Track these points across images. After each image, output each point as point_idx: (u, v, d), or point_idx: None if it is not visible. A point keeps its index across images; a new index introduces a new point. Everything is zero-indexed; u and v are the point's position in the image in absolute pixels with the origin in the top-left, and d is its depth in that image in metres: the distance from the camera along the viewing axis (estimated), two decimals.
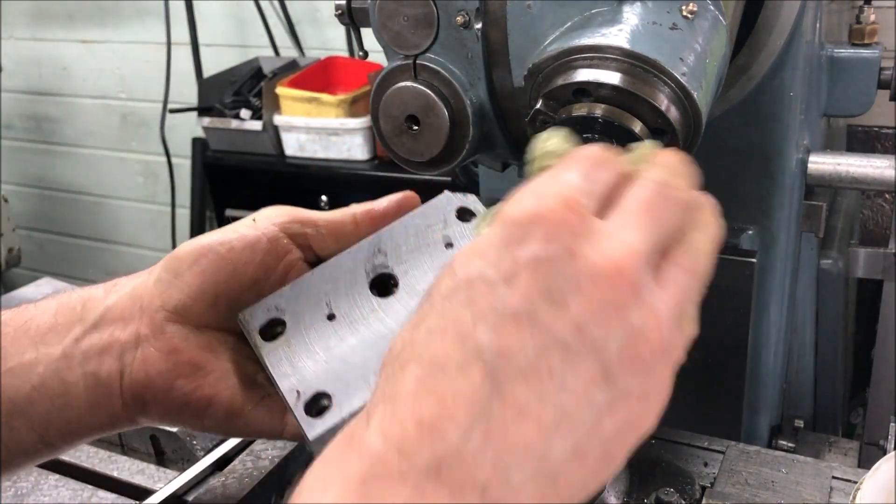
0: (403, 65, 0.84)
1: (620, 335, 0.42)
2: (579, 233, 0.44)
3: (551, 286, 0.42)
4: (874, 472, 0.74)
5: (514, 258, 0.43)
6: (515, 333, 0.42)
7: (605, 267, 0.43)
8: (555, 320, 0.42)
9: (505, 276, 0.43)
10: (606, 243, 0.44)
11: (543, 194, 0.46)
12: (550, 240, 0.43)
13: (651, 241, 0.46)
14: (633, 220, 0.46)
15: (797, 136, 1.04)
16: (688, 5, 0.73)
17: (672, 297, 0.46)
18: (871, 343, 1.63)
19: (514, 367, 0.41)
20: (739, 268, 0.98)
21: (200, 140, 3.00)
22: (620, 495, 0.92)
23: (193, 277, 0.63)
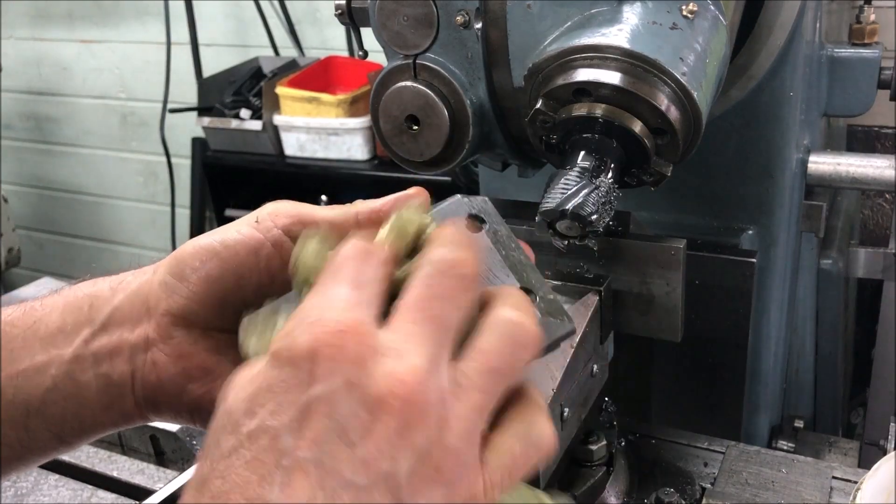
0: (403, 65, 0.84)
1: (409, 461, 0.41)
2: (360, 360, 0.42)
3: (337, 425, 0.41)
4: (874, 472, 0.74)
5: (295, 402, 0.42)
6: (304, 484, 0.40)
7: (386, 395, 0.42)
8: (344, 462, 0.41)
9: (289, 423, 0.41)
10: (385, 365, 0.42)
11: (315, 323, 0.43)
12: (330, 375, 0.42)
13: (436, 346, 0.44)
14: (411, 325, 0.45)
15: (797, 136, 1.04)
16: (688, 5, 0.73)
17: (466, 403, 0.44)
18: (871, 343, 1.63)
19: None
20: (739, 268, 0.98)
21: (200, 140, 3.00)
22: (620, 495, 0.92)
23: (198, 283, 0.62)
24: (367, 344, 0.43)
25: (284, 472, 0.41)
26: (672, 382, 1.10)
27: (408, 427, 0.42)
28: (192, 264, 0.62)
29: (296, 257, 0.54)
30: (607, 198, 0.72)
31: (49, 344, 0.63)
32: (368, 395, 0.42)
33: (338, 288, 0.46)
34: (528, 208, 0.86)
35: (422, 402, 0.42)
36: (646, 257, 0.86)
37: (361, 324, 0.44)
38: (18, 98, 3.77)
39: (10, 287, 3.36)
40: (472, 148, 0.85)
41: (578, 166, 0.72)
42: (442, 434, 0.43)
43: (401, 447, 0.41)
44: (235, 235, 0.63)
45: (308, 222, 0.64)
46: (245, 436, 0.42)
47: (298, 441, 0.41)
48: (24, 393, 0.62)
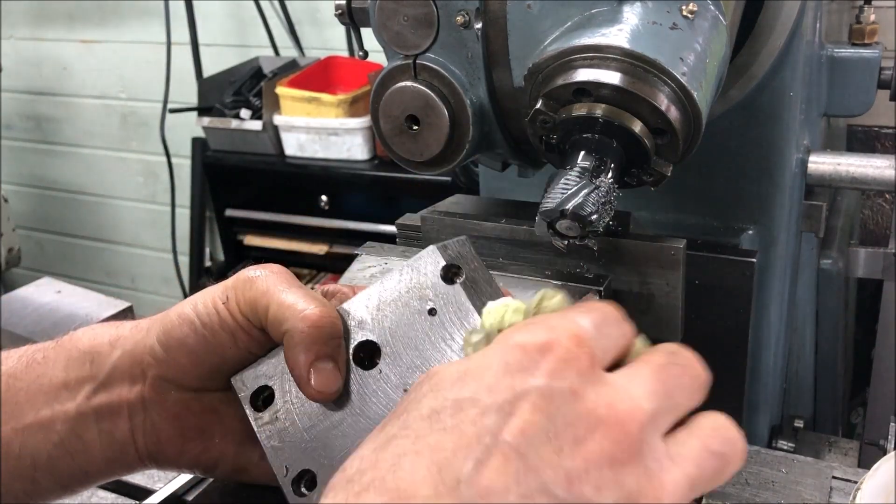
0: (403, 65, 0.84)
1: (613, 496, 0.38)
2: (587, 375, 0.41)
3: (550, 426, 0.39)
4: (874, 472, 0.74)
5: (514, 387, 0.40)
6: (502, 472, 0.37)
7: (608, 416, 0.40)
8: (547, 466, 0.38)
9: (501, 404, 0.39)
10: (612, 393, 0.41)
11: (555, 327, 0.42)
12: (557, 375, 0.40)
13: (659, 404, 0.43)
14: (642, 378, 0.43)
15: (797, 136, 1.04)
16: (688, 5, 0.73)
17: (682, 471, 0.42)
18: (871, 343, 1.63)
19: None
20: (739, 268, 0.98)
21: (200, 140, 3.00)
22: None
23: (184, 357, 0.63)
24: (597, 365, 0.42)
25: (484, 450, 0.38)
26: None
27: (621, 461, 0.39)
28: (177, 336, 0.63)
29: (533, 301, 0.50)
30: (607, 198, 0.72)
31: (53, 399, 0.64)
32: (589, 407, 0.39)
33: (584, 318, 0.44)
34: (528, 208, 0.86)
35: (640, 441, 0.40)
36: (646, 257, 0.86)
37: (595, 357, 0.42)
38: (18, 98, 3.77)
39: (10, 287, 3.35)
40: (472, 148, 0.85)
41: (578, 166, 0.72)
42: (652, 486, 0.40)
43: (609, 479, 0.39)
44: (212, 313, 0.62)
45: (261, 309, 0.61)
46: (450, 401, 0.40)
47: (506, 424, 0.38)
48: (30, 448, 0.63)
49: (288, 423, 0.62)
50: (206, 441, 0.66)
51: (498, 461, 0.38)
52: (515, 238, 0.88)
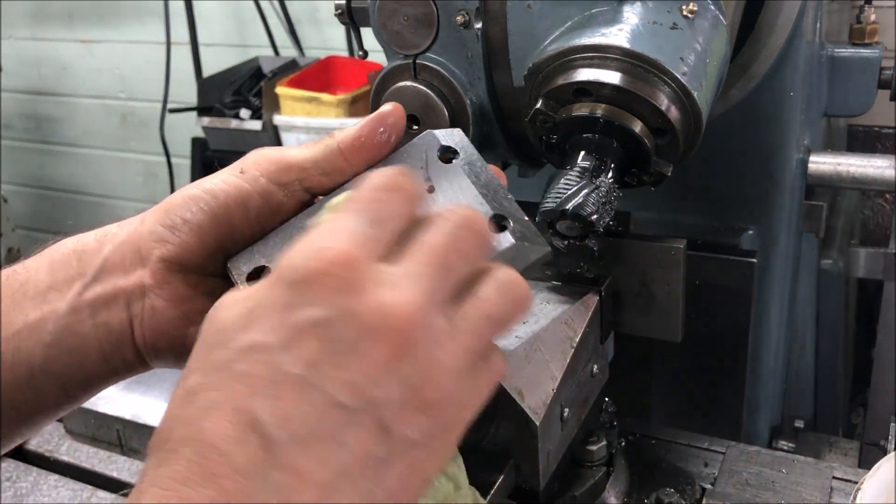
0: (403, 64, 0.84)
1: (397, 390, 0.43)
2: (356, 288, 0.44)
3: (330, 348, 0.42)
4: (874, 473, 0.74)
5: (291, 323, 0.43)
6: (294, 400, 0.41)
7: (381, 323, 0.43)
8: (332, 383, 0.42)
9: (282, 342, 0.43)
10: (386, 295, 0.44)
11: (320, 250, 0.45)
12: (327, 301, 0.43)
13: (437, 288, 0.46)
14: (421, 265, 0.46)
15: (797, 136, 1.04)
16: (688, 5, 0.73)
17: (458, 343, 0.46)
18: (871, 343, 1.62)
19: (292, 435, 0.41)
20: (739, 268, 0.98)
21: (200, 140, 2.99)
22: (620, 495, 0.92)
23: (190, 234, 0.62)
24: (368, 275, 0.44)
25: (275, 386, 0.42)
26: (672, 382, 1.10)
27: (398, 357, 0.43)
28: (182, 215, 0.62)
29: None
30: (607, 198, 0.71)
31: (41, 301, 0.62)
32: (361, 322, 0.43)
33: (353, 219, 0.47)
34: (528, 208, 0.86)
35: (414, 335, 0.44)
36: (646, 257, 0.86)
37: (365, 257, 0.45)
38: (18, 98, 3.77)
39: None
40: None
41: (578, 166, 0.72)
42: (431, 369, 0.44)
43: (390, 375, 0.43)
44: (224, 187, 0.62)
45: (293, 166, 0.63)
46: (239, 350, 0.43)
47: (291, 359, 0.42)
48: (24, 353, 0.62)
49: None
50: None
51: (288, 391, 0.42)
52: None
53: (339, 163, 0.63)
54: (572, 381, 0.80)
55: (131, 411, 1.16)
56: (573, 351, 0.78)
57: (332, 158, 0.63)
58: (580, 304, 0.83)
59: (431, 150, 0.62)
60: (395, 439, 0.43)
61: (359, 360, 0.43)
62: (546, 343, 0.77)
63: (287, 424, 0.41)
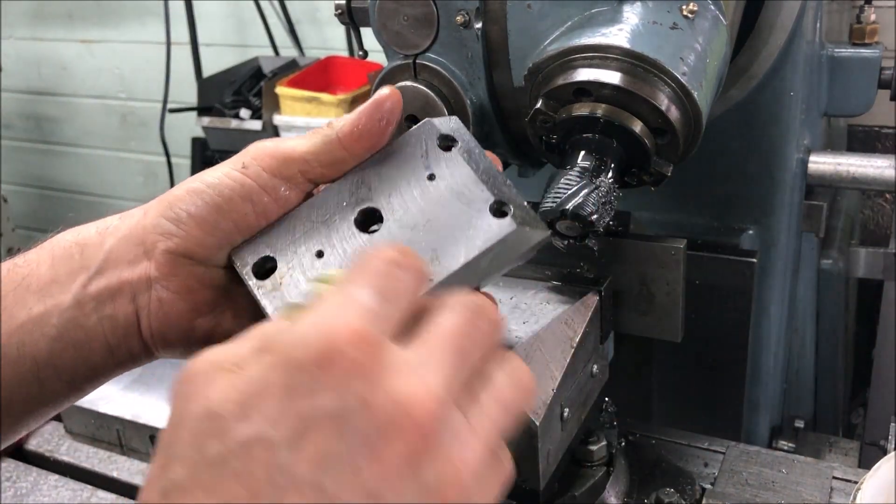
0: (403, 64, 0.84)
1: (416, 495, 0.38)
2: (374, 374, 0.39)
3: (343, 447, 0.38)
4: (874, 472, 0.74)
5: (299, 414, 0.38)
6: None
7: (399, 417, 0.39)
8: (346, 489, 0.37)
9: (289, 437, 0.37)
10: (403, 383, 0.40)
11: (331, 327, 0.40)
12: (341, 388, 0.38)
13: (456, 378, 0.42)
14: (437, 353, 0.42)
15: (797, 136, 1.04)
16: (688, 5, 0.73)
17: (479, 438, 0.42)
18: (871, 343, 1.63)
19: None
20: (739, 268, 0.98)
21: (200, 140, 2.99)
22: (621, 495, 0.92)
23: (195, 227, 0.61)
24: (382, 359, 0.40)
25: (279, 491, 0.37)
26: (672, 382, 1.10)
27: (417, 457, 0.39)
28: (186, 209, 0.61)
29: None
30: (607, 198, 0.71)
31: (45, 295, 0.62)
32: (379, 413, 0.38)
33: (363, 292, 0.43)
34: None
35: (433, 431, 0.40)
36: (646, 257, 0.86)
37: (380, 334, 0.41)
38: (18, 98, 3.77)
39: None
40: None
41: (578, 166, 0.72)
42: (453, 468, 0.40)
43: (408, 478, 0.39)
44: (228, 182, 0.61)
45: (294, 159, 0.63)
46: (237, 444, 0.38)
47: (298, 458, 0.37)
48: (28, 347, 0.61)
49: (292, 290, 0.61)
50: (219, 316, 0.63)
51: (294, 496, 0.37)
52: None
53: (340, 153, 0.62)
54: (572, 381, 0.80)
55: (131, 411, 1.16)
56: (573, 351, 0.78)
57: (331, 149, 0.62)
58: (580, 304, 0.83)
59: (430, 138, 0.62)
60: None
61: (374, 460, 0.38)
62: (546, 343, 0.77)
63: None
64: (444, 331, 0.44)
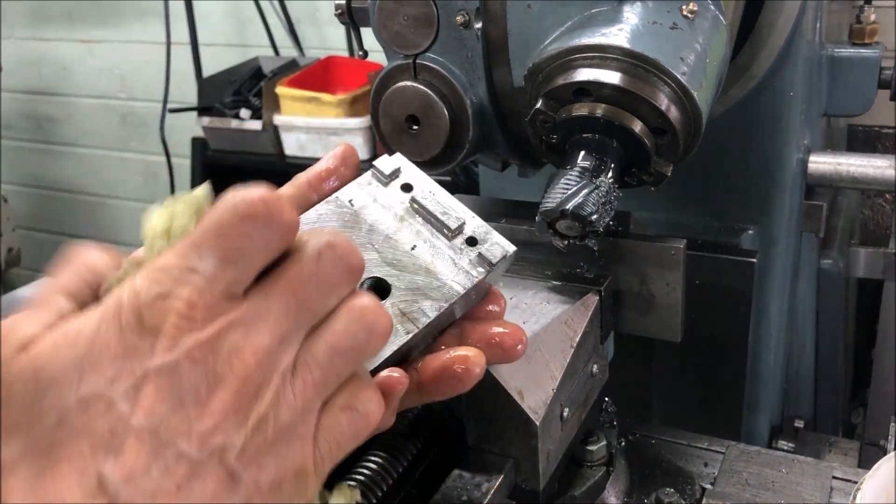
0: (403, 64, 0.84)
1: (242, 436, 0.42)
2: (203, 332, 0.42)
3: (175, 398, 0.41)
4: (874, 472, 0.74)
5: (134, 370, 0.41)
6: (139, 454, 0.40)
7: (228, 370, 0.42)
8: (179, 434, 0.41)
9: (125, 392, 0.40)
10: (234, 341, 0.42)
11: (168, 294, 0.42)
12: (174, 347, 0.41)
13: (289, 327, 0.44)
14: (274, 303, 0.44)
15: (797, 136, 1.04)
16: (688, 5, 0.73)
17: (306, 380, 0.44)
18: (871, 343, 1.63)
19: (140, 491, 0.40)
20: (739, 268, 0.98)
21: (200, 140, 2.99)
22: (620, 495, 0.92)
23: None
24: (214, 316, 0.42)
25: (118, 440, 0.40)
26: (672, 382, 1.10)
27: (244, 404, 0.42)
28: None
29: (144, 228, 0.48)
30: (607, 198, 0.72)
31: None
32: (208, 369, 0.42)
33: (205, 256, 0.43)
34: (528, 208, 0.86)
35: (261, 381, 0.43)
36: (646, 257, 0.86)
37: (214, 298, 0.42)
38: (18, 98, 3.77)
39: (10, 287, 3.36)
40: (472, 148, 0.85)
41: (578, 166, 0.72)
42: (277, 408, 0.43)
43: (235, 422, 0.42)
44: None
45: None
46: (74, 403, 0.40)
47: (135, 408, 0.40)
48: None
49: None
50: None
51: (133, 445, 0.40)
52: (515, 238, 0.87)
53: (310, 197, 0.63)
54: (572, 381, 0.80)
55: None
56: (573, 351, 0.78)
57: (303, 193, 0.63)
58: (580, 304, 0.83)
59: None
60: (245, 483, 0.42)
61: (203, 409, 0.41)
62: (546, 343, 0.77)
63: (133, 481, 0.40)
64: (285, 280, 0.45)
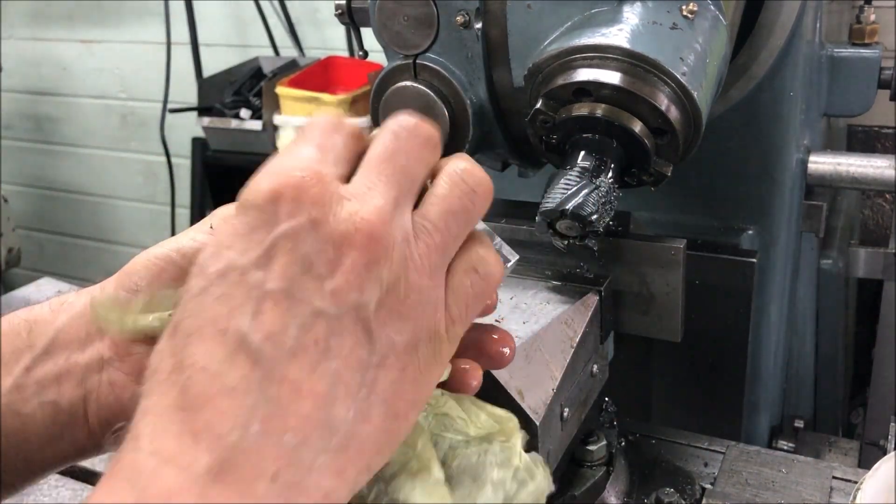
0: (403, 65, 0.84)
1: (376, 293, 0.44)
2: (323, 201, 0.44)
3: (304, 260, 0.43)
4: (874, 472, 0.74)
5: (262, 241, 0.43)
6: (276, 314, 0.42)
7: (350, 231, 0.44)
8: (313, 293, 0.42)
9: (257, 260, 0.43)
10: (352, 207, 0.45)
11: (279, 172, 0.45)
12: (295, 214, 0.43)
13: (397, 192, 0.47)
14: (375, 175, 0.47)
15: (797, 136, 1.04)
16: (688, 5, 0.73)
17: (428, 242, 0.47)
18: (871, 343, 1.63)
19: (280, 348, 0.41)
20: (739, 268, 0.98)
21: (200, 140, 2.99)
22: (620, 495, 0.92)
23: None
24: (331, 189, 0.45)
25: (255, 302, 0.42)
26: (672, 382, 1.10)
27: (374, 261, 0.44)
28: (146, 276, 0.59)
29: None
30: (607, 198, 0.72)
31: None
32: (333, 231, 0.43)
33: (304, 147, 0.48)
34: (528, 208, 0.87)
35: (386, 239, 0.44)
36: (646, 257, 0.86)
37: (325, 173, 0.46)
38: (18, 98, 3.77)
39: (10, 287, 3.35)
40: (472, 148, 0.85)
41: (578, 166, 0.72)
42: (406, 270, 0.45)
43: (368, 280, 0.43)
44: (193, 244, 0.59)
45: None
46: (213, 275, 0.43)
47: (267, 274, 0.42)
48: None
49: None
50: None
51: (269, 306, 0.42)
52: (515, 238, 0.88)
53: None
54: (572, 381, 0.80)
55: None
56: (573, 351, 0.78)
57: None
58: (580, 304, 0.83)
59: None
60: (381, 342, 0.44)
61: (334, 268, 0.43)
62: (546, 343, 0.77)
63: (273, 338, 0.41)
64: (377, 156, 0.48)
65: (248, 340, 0.41)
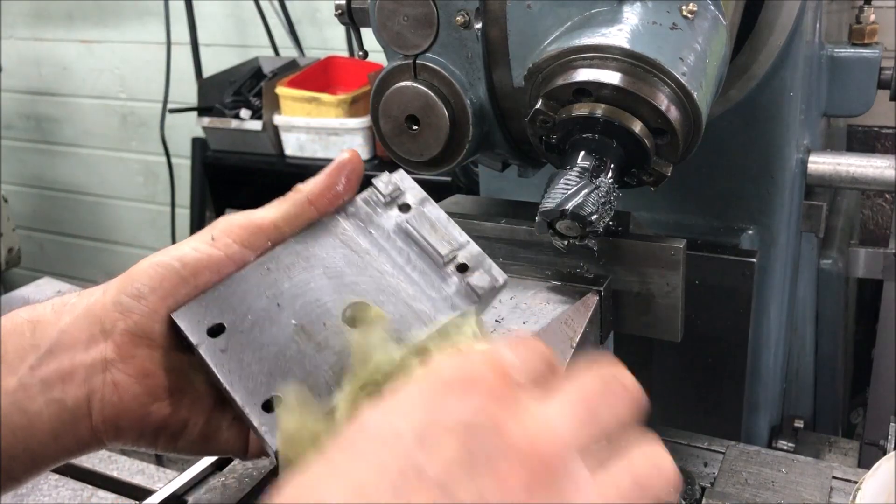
0: (403, 65, 0.84)
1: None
2: (509, 406, 0.42)
3: (472, 460, 0.40)
4: (874, 472, 0.74)
5: (435, 420, 0.41)
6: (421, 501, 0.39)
7: (528, 448, 0.41)
8: (465, 493, 0.40)
9: (423, 438, 0.41)
10: (533, 424, 0.43)
11: (476, 360, 0.44)
12: (481, 410, 0.42)
13: (580, 430, 0.44)
14: (564, 405, 0.45)
15: (797, 136, 1.04)
16: (688, 5, 0.73)
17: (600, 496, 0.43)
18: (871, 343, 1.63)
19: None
20: (739, 268, 0.98)
21: (200, 140, 2.99)
22: None
23: (157, 302, 0.59)
24: (518, 397, 0.43)
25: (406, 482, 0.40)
26: (672, 382, 1.10)
27: (535, 486, 0.41)
28: (149, 283, 0.60)
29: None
30: (607, 198, 0.72)
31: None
32: (507, 439, 0.41)
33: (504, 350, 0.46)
34: (528, 208, 0.87)
35: (555, 470, 0.42)
36: (646, 257, 0.86)
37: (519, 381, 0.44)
38: (18, 98, 3.77)
39: (10, 287, 3.35)
40: (472, 148, 0.85)
41: (578, 166, 0.72)
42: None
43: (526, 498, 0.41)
44: (194, 254, 0.60)
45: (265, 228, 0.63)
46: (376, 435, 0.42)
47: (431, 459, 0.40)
48: None
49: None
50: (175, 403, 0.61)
51: (418, 490, 0.39)
52: (515, 238, 0.88)
53: (310, 213, 0.65)
54: None
55: None
56: (573, 351, 0.78)
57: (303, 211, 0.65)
58: (580, 304, 0.83)
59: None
60: None
61: (498, 479, 0.40)
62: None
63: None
64: (578, 390, 0.46)
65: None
